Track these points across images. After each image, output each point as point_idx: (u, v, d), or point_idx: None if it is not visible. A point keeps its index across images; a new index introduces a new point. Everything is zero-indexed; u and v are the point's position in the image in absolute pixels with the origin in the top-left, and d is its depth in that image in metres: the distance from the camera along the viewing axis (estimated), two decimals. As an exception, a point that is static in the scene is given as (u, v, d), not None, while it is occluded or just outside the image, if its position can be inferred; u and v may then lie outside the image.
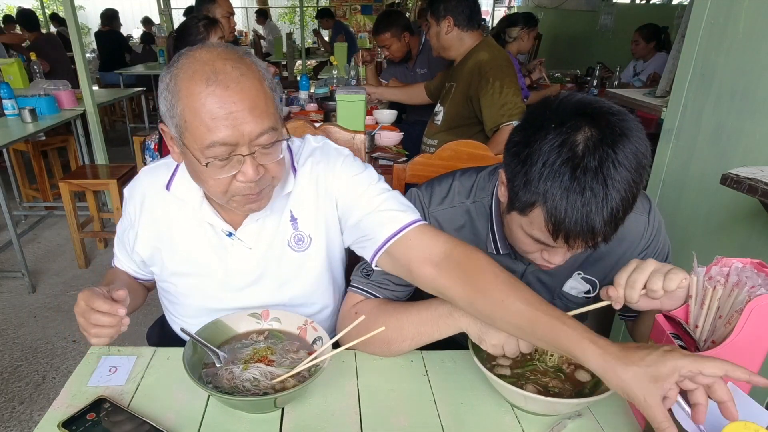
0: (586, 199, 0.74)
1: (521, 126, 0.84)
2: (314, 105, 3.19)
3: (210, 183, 0.87)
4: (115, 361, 0.97)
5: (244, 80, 0.81)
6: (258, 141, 0.83)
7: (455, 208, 1.03)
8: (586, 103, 0.78)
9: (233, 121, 0.80)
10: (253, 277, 1.05)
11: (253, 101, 0.81)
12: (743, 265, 0.78)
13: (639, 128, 0.76)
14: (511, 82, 2.11)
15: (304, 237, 1.05)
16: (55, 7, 12.54)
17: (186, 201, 1.01)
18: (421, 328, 0.95)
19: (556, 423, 0.85)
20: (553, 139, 0.76)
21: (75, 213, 3.00)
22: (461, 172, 1.08)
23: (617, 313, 1.10)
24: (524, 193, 0.80)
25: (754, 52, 1.45)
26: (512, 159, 0.83)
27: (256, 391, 0.84)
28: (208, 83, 0.79)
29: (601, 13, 6.31)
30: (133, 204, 1.06)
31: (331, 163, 1.03)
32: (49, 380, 2.17)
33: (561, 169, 0.74)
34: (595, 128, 0.75)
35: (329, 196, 1.03)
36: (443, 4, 2.21)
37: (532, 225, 0.83)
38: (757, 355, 0.74)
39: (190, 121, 0.81)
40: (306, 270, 1.07)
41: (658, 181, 1.85)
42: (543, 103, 0.83)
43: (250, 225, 1.02)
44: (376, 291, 1.04)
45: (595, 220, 0.75)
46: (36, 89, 3.32)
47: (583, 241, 0.79)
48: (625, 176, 0.74)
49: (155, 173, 1.05)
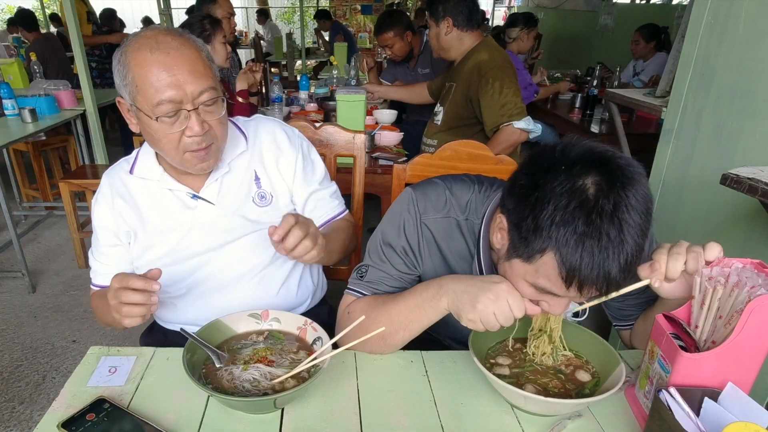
0: (602, 246, 0.70)
1: (526, 168, 0.79)
2: (314, 105, 3.19)
3: (163, 141, 1.00)
4: (114, 361, 0.97)
5: (183, 48, 0.96)
6: (200, 99, 0.98)
7: (449, 219, 1.02)
8: (593, 148, 0.76)
9: (176, 82, 0.95)
10: (221, 230, 1.13)
11: (192, 65, 0.97)
12: (743, 265, 0.78)
13: (643, 174, 0.75)
14: (511, 82, 2.11)
15: (266, 194, 1.18)
16: (55, 7, 12.54)
17: (149, 178, 1.13)
18: (410, 315, 0.95)
19: (556, 423, 0.85)
20: (565, 182, 0.72)
21: (75, 213, 3.00)
22: (452, 180, 1.05)
23: (613, 324, 1.10)
24: (534, 239, 0.74)
25: (754, 52, 1.45)
26: (518, 203, 0.77)
27: (255, 392, 0.84)
28: (152, 51, 0.94)
29: (601, 13, 6.31)
30: (102, 197, 1.16)
31: (283, 134, 1.21)
32: (49, 380, 2.17)
33: (575, 212, 0.70)
34: (605, 173, 0.72)
35: (287, 164, 1.19)
36: (442, 5, 2.20)
37: (538, 273, 0.77)
38: (758, 355, 0.74)
39: (140, 85, 0.96)
40: (270, 222, 1.08)
41: (658, 181, 1.85)
42: (547, 147, 0.79)
43: (210, 185, 1.13)
44: (369, 291, 1.05)
45: (612, 267, 0.71)
46: (36, 89, 3.31)
47: (597, 289, 0.75)
48: (638, 221, 0.72)
49: (115, 169, 1.18)
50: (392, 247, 1.04)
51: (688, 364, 0.74)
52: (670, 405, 0.70)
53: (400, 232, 1.03)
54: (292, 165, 1.20)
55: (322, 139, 1.55)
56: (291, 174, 1.20)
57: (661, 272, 0.80)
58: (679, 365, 0.75)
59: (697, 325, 0.79)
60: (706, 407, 0.71)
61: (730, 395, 0.72)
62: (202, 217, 1.13)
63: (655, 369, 0.81)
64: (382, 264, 1.05)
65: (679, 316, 0.82)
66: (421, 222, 1.02)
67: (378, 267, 1.05)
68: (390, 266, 1.04)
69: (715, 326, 0.78)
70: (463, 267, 1.03)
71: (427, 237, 1.03)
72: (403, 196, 1.06)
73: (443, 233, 1.02)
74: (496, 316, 0.82)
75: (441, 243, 1.03)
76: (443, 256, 1.04)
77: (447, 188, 1.03)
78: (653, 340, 0.83)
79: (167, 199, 1.14)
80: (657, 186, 1.86)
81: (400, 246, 1.03)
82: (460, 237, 1.02)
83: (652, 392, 0.81)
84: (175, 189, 1.13)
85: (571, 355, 0.94)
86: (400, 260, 1.04)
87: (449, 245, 1.03)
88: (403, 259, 1.04)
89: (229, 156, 1.14)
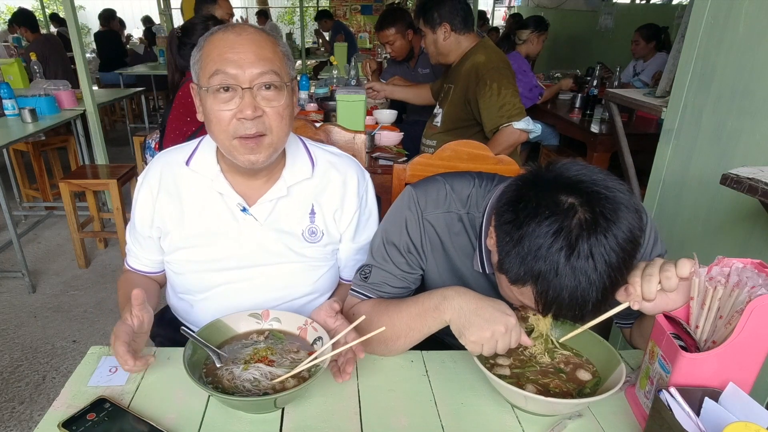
0: (578, 283, 0.73)
1: (512, 204, 0.79)
2: (314, 105, 3.19)
3: (214, 121, 0.96)
4: (115, 361, 0.96)
5: (257, 34, 0.95)
6: (258, 80, 0.93)
7: (451, 213, 1.02)
8: (578, 180, 0.76)
9: (238, 59, 0.92)
10: (263, 252, 1.08)
11: (260, 48, 0.94)
12: (744, 265, 0.77)
13: (629, 201, 0.75)
14: (509, 83, 2.10)
15: (317, 231, 1.12)
16: (55, 7, 12.54)
17: (203, 174, 1.07)
18: (411, 323, 0.96)
19: (557, 423, 0.85)
20: (548, 226, 0.73)
21: (75, 213, 3.00)
22: (452, 177, 1.05)
23: (614, 321, 1.10)
24: (516, 269, 0.78)
25: (754, 52, 1.45)
26: (503, 237, 0.80)
27: (256, 392, 0.84)
28: (226, 31, 0.95)
29: (601, 13, 6.32)
30: (148, 185, 1.09)
31: (356, 181, 1.14)
32: (49, 380, 2.17)
33: (555, 256, 0.73)
34: (589, 212, 0.73)
35: (347, 213, 1.13)
36: (437, 12, 2.18)
37: (523, 295, 0.82)
38: (758, 355, 0.74)
39: (204, 59, 0.95)
40: (314, 257, 1.12)
41: (658, 181, 1.85)
42: (534, 176, 0.80)
43: (264, 204, 1.07)
44: (373, 293, 1.06)
45: (587, 300, 0.75)
46: (36, 89, 3.32)
47: (573, 316, 0.79)
48: (619, 257, 0.73)
49: (173, 154, 1.12)
50: (395, 246, 1.04)
51: (688, 364, 0.74)
52: (670, 405, 0.70)
53: (403, 230, 1.03)
54: (350, 216, 1.14)
55: (322, 139, 1.55)
56: (346, 224, 1.14)
57: (637, 295, 0.80)
58: (679, 365, 0.75)
59: (698, 325, 0.79)
60: (706, 407, 0.71)
61: (730, 395, 0.72)
62: (246, 233, 1.07)
63: (656, 369, 0.81)
64: (385, 264, 1.05)
65: (679, 316, 0.82)
66: (423, 218, 1.03)
67: (381, 267, 1.05)
68: (393, 266, 1.05)
69: (715, 326, 0.78)
70: (465, 262, 1.04)
71: (429, 233, 1.03)
72: (404, 194, 1.06)
73: (445, 228, 1.03)
74: (497, 344, 0.85)
75: (444, 238, 1.03)
76: (446, 251, 1.04)
77: (447, 184, 1.04)
78: (653, 340, 0.83)
79: (215, 204, 1.07)
80: (657, 186, 1.86)
81: (403, 244, 1.04)
82: (462, 231, 1.03)
83: (652, 392, 0.81)
84: (226, 194, 1.06)
85: (569, 354, 0.94)
86: (403, 259, 1.04)
87: (452, 240, 1.03)
88: (406, 257, 1.04)
89: (291, 179, 1.08)
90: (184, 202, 1.08)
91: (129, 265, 1.21)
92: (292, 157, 1.10)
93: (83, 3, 13.18)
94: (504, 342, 0.85)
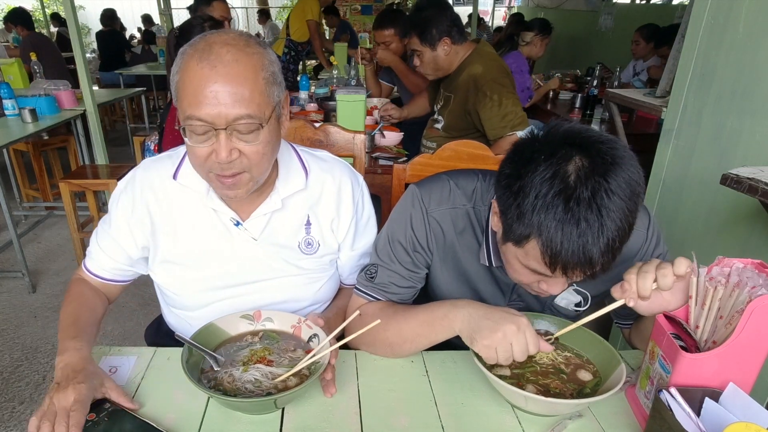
0: (581, 231, 0.73)
1: (510, 158, 0.82)
2: (314, 105, 3.19)
3: (191, 155, 0.90)
4: (115, 361, 0.97)
5: (234, 65, 0.83)
6: (234, 125, 0.85)
7: (456, 209, 1.02)
8: (575, 133, 0.77)
9: (213, 101, 0.83)
10: (260, 268, 1.06)
11: (238, 86, 0.83)
12: (744, 265, 0.78)
13: (631, 156, 0.76)
14: (509, 92, 2.09)
15: (313, 242, 1.09)
16: (55, 7, 12.54)
17: (193, 189, 1.01)
18: (418, 330, 0.96)
19: (557, 423, 0.85)
20: (544, 171, 0.74)
21: (75, 213, 2.99)
22: (456, 173, 1.06)
23: (614, 321, 1.10)
24: (518, 225, 0.78)
25: (754, 52, 1.45)
26: (504, 192, 0.81)
27: (259, 392, 0.84)
28: (200, 61, 0.83)
29: (601, 13, 6.32)
30: (128, 196, 1.03)
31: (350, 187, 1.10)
32: (49, 380, 2.16)
33: (554, 201, 0.73)
34: (586, 158, 0.74)
35: (344, 222, 1.10)
36: (435, 29, 2.15)
37: (528, 256, 0.81)
38: (758, 355, 0.74)
39: (180, 92, 0.86)
40: (311, 269, 1.10)
41: (658, 181, 1.85)
42: (531, 134, 0.82)
43: (257, 218, 1.03)
44: (380, 294, 1.06)
45: (593, 251, 0.74)
46: (36, 89, 3.31)
47: (582, 271, 0.78)
48: (620, 205, 0.73)
49: (157, 165, 1.04)
50: (401, 244, 1.04)
51: (688, 364, 0.74)
52: (670, 405, 0.70)
53: (408, 228, 1.03)
54: (347, 224, 1.11)
55: (321, 139, 1.55)
56: (344, 233, 1.11)
57: (632, 291, 0.80)
58: (679, 365, 0.75)
59: (698, 325, 0.79)
60: (706, 407, 0.71)
61: (730, 395, 0.72)
62: (241, 249, 1.04)
63: (656, 369, 0.81)
64: (391, 264, 1.05)
65: (679, 316, 0.82)
66: (428, 215, 1.03)
67: (387, 267, 1.05)
68: (399, 265, 1.05)
69: (715, 326, 0.78)
70: (469, 260, 1.04)
71: (435, 230, 1.03)
72: (408, 193, 1.07)
73: (451, 225, 1.03)
74: (512, 346, 0.83)
75: (448, 236, 1.03)
76: (451, 249, 1.04)
77: (451, 180, 1.04)
78: (654, 340, 0.83)
79: (208, 219, 1.02)
80: (657, 186, 1.86)
81: (408, 242, 1.04)
82: (468, 227, 1.03)
83: (652, 392, 0.81)
84: (219, 210, 1.01)
85: (570, 354, 0.94)
86: (409, 258, 1.04)
87: (457, 236, 1.03)
88: (412, 256, 1.04)
89: (284, 191, 1.03)
90: (175, 218, 1.03)
91: (87, 269, 1.10)
92: (286, 168, 1.05)
93: (83, 3, 13.18)
94: (519, 343, 0.83)
